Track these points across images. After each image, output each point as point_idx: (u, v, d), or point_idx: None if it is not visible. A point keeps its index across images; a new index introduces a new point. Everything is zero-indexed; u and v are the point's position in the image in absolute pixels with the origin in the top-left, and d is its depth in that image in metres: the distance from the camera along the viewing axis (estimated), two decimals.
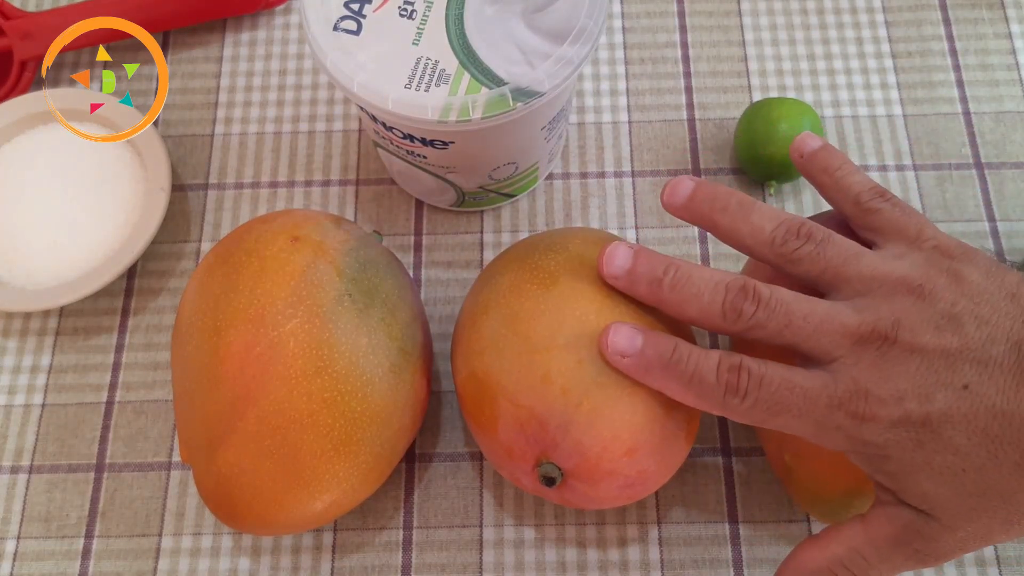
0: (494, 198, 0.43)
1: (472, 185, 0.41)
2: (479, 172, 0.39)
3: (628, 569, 0.38)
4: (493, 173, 0.40)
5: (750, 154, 0.43)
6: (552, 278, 0.33)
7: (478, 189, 0.41)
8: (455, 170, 0.39)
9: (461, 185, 0.41)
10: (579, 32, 0.34)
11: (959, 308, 0.27)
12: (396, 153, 0.39)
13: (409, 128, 0.35)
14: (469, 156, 0.37)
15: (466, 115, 0.33)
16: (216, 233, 0.45)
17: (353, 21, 0.34)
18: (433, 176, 0.40)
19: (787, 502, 0.39)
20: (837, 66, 0.48)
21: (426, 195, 0.44)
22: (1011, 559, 0.38)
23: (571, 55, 0.33)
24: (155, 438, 0.41)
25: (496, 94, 0.33)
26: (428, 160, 0.38)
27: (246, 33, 0.50)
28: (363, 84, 0.33)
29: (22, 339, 0.43)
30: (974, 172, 0.45)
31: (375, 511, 0.39)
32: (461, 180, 0.40)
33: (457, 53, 0.34)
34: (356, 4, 0.35)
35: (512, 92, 0.33)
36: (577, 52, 0.33)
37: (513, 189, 0.43)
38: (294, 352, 0.31)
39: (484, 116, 0.33)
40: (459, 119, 0.33)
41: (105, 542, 0.39)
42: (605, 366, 0.31)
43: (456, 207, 0.44)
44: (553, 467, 0.32)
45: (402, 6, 0.35)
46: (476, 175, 0.40)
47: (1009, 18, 0.49)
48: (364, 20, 0.34)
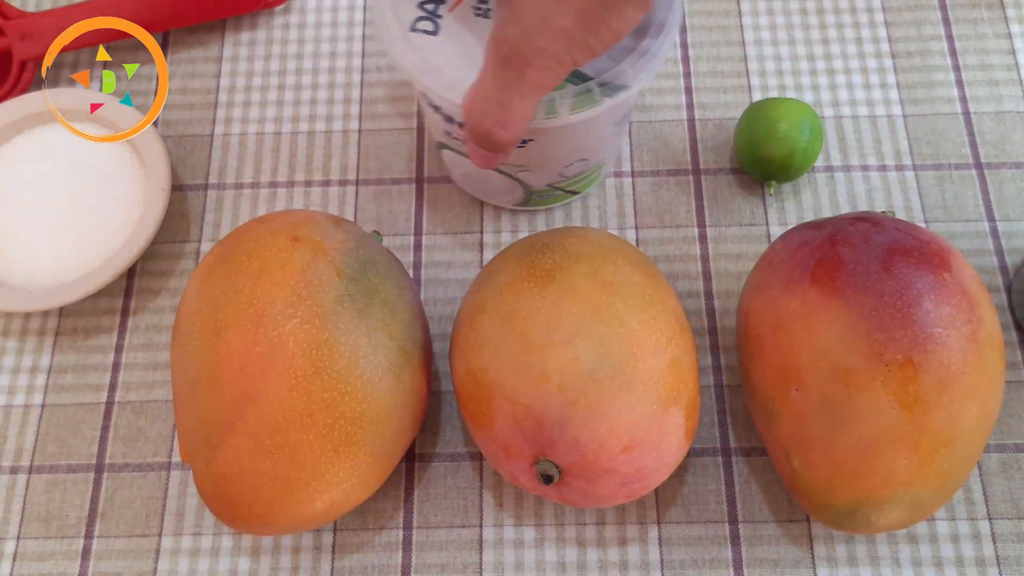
0: (560, 196, 0.43)
1: (542, 183, 0.40)
2: (552, 170, 0.39)
3: (628, 569, 0.38)
4: (565, 170, 0.39)
5: (750, 154, 0.43)
6: (549, 276, 0.33)
7: (547, 187, 0.41)
8: (528, 168, 0.38)
9: (531, 184, 0.40)
10: (659, 25, 0.34)
11: None
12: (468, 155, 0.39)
13: None
14: (545, 154, 0.37)
15: (553, 112, 0.33)
16: (216, 233, 0.45)
17: (429, 22, 0.34)
18: (504, 176, 0.40)
19: (787, 502, 0.39)
20: (837, 66, 0.48)
21: (491, 195, 0.43)
22: (1011, 559, 0.38)
23: (654, 48, 0.33)
24: (155, 438, 0.41)
25: (582, 89, 0.33)
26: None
27: (246, 33, 0.50)
28: (447, 84, 0.33)
29: (22, 339, 0.43)
30: (974, 172, 0.45)
31: (375, 511, 0.39)
32: (532, 178, 0.40)
33: None
34: (431, 4, 0.35)
35: (599, 87, 0.33)
36: (660, 45, 0.33)
37: (579, 186, 0.42)
38: (294, 352, 0.31)
39: (572, 111, 0.33)
40: (547, 115, 0.33)
41: (105, 542, 0.39)
42: (601, 363, 0.31)
43: (522, 206, 0.44)
44: (551, 464, 0.32)
45: (476, 5, 0.35)
46: (548, 172, 0.39)
47: (1009, 18, 0.49)
48: (440, 20, 0.34)
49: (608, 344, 0.31)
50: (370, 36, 0.49)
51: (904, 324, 0.32)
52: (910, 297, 0.32)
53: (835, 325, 0.32)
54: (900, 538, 0.38)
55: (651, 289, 0.33)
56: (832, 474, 0.33)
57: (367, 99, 0.48)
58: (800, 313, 0.33)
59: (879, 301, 0.32)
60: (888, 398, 0.31)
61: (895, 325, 0.32)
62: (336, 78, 0.48)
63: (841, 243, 0.34)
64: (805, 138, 0.42)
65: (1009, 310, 0.42)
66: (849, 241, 0.34)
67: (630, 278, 0.33)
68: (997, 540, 0.38)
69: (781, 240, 0.37)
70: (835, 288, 0.33)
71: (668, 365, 0.32)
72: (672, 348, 0.32)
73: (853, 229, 0.34)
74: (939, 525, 0.38)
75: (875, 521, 0.33)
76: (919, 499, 0.32)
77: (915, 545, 0.38)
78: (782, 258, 0.35)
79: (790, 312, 0.33)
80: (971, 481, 0.39)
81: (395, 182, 0.46)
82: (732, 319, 0.43)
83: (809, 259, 0.34)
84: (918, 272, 0.32)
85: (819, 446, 0.33)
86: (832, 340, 0.32)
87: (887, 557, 0.38)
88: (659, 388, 0.31)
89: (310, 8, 0.50)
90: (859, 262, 0.33)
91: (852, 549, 0.38)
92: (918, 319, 0.32)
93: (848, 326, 0.32)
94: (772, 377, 0.34)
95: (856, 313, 0.32)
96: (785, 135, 0.42)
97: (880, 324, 0.32)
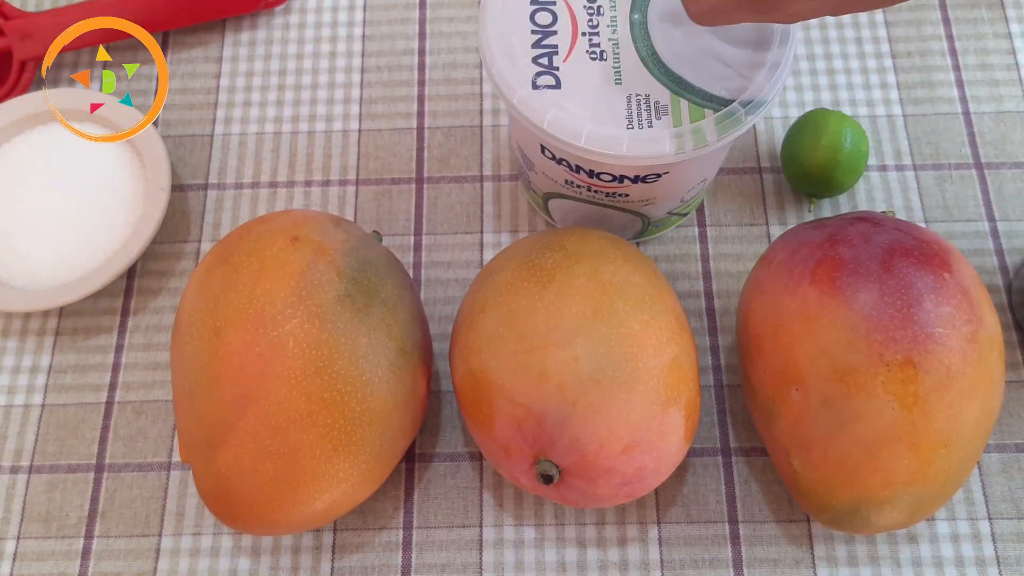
0: (674, 220, 0.42)
1: (662, 212, 0.40)
2: (676, 197, 0.38)
3: (628, 569, 0.38)
4: (686, 195, 0.39)
5: (793, 168, 0.43)
6: (549, 276, 0.33)
7: (666, 215, 0.40)
8: (654, 201, 0.38)
9: (652, 215, 0.40)
10: (775, 33, 0.34)
11: None
12: (590, 199, 0.38)
13: (636, 168, 0.34)
14: (676, 183, 0.36)
15: (702, 141, 0.32)
16: (216, 233, 0.45)
17: (550, 76, 0.34)
18: (626, 213, 0.39)
19: (787, 502, 0.39)
20: (837, 66, 0.48)
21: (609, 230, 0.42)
22: (1011, 559, 0.38)
23: (780, 58, 0.33)
24: (155, 438, 0.41)
25: (724, 114, 0.33)
26: (629, 197, 0.37)
27: (246, 33, 0.50)
28: (590, 135, 0.32)
29: (22, 339, 0.43)
30: (974, 172, 0.45)
31: (375, 511, 0.39)
32: (654, 210, 0.39)
33: (664, 83, 0.33)
34: (545, 58, 0.34)
35: (743, 107, 0.33)
36: (785, 54, 0.33)
37: (689, 208, 0.42)
38: (294, 352, 0.31)
39: (720, 136, 0.32)
40: (696, 147, 0.32)
41: (105, 542, 0.39)
42: (601, 363, 0.31)
43: (637, 239, 0.43)
44: (551, 465, 0.32)
45: (589, 49, 0.34)
46: (672, 201, 0.39)
47: (1009, 18, 0.49)
48: (559, 72, 0.34)
49: (608, 344, 0.31)
50: (370, 36, 0.50)
51: (904, 324, 0.32)
52: (910, 297, 0.32)
53: (835, 325, 0.32)
54: (900, 538, 0.38)
55: (651, 289, 0.33)
56: (832, 474, 0.33)
57: (367, 99, 0.48)
58: (800, 313, 0.33)
59: (879, 301, 0.32)
60: (888, 398, 0.31)
61: (895, 325, 0.32)
62: (336, 78, 0.48)
63: (841, 243, 0.34)
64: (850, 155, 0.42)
65: (1009, 310, 0.42)
66: (849, 241, 0.34)
67: (630, 278, 0.33)
68: (997, 540, 0.38)
69: (781, 240, 0.37)
70: (835, 288, 0.33)
71: (668, 365, 0.32)
72: (672, 348, 0.32)
73: (853, 229, 0.34)
74: (939, 525, 0.38)
75: (875, 521, 0.33)
76: (919, 499, 0.32)
77: (915, 545, 0.38)
78: (782, 258, 0.35)
79: (790, 312, 0.33)
80: (971, 481, 0.39)
81: (395, 182, 0.46)
82: (732, 319, 0.43)
83: (809, 259, 0.34)
84: (918, 272, 0.32)
85: (819, 446, 0.33)
86: (832, 340, 0.32)
87: (887, 557, 0.38)
88: (659, 388, 0.31)
89: (310, 8, 0.50)
90: (859, 262, 0.33)
91: (852, 549, 0.38)
92: (918, 319, 0.32)
93: (848, 326, 0.32)
94: (772, 377, 0.34)
95: (856, 313, 0.32)
96: (825, 149, 0.41)
97: (880, 324, 0.32)
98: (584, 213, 0.40)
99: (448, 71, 0.49)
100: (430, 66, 0.49)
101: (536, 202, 0.43)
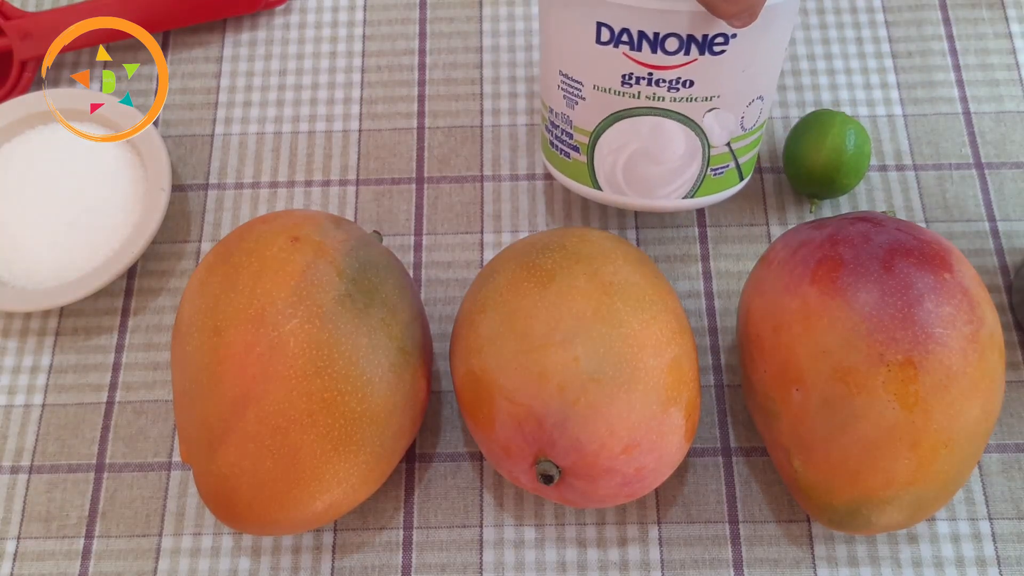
0: (729, 175, 0.40)
1: (724, 137, 0.38)
2: (738, 107, 0.37)
3: (628, 569, 0.38)
4: (746, 112, 0.38)
5: (795, 169, 0.43)
6: (549, 276, 0.33)
7: (725, 150, 0.39)
8: (718, 101, 0.37)
9: (713, 138, 0.38)
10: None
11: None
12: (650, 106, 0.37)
13: (703, 13, 0.33)
14: (739, 68, 0.35)
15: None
16: (216, 233, 0.45)
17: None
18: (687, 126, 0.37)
19: (787, 502, 0.39)
20: (837, 66, 0.48)
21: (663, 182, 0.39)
22: (1011, 559, 0.38)
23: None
24: (155, 438, 0.41)
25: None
26: (695, 89, 0.36)
27: (246, 33, 0.50)
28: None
29: (22, 339, 0.43)
30: (974, 172, 0.45)
31: (375, 511, 0.39)
32: (717, 124, 0.37)
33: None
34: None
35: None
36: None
37: (747, 160, 0.40)
38: (294, 352, 0.31)
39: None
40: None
41: (105, 542, 0.39)
42: (601, 363, 0.31)
43: (689, 195, 0.40)
44: (551, 465, 0.32)
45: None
46: (734, 112, 0.37)
47: (1009, 18, 0.49)
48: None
49: (608, 344, 0.31)
50: (370, 36, 0.49)
51: (905, 324, 0.32)
52: (911, 297, 0.32)
53: (836, 325, 0.32)
54: (900, 538, 0.38)
55: (651, 289, 0.33)
56: (832, 474, 0.33)
57: (367, 99, 0.48)
58: (801, 313, 0.33)
59: (880, 301, 0.32)
60: (888, 398, 0.31)
61: (896, 325, 0.32)
62: (336, 78, 0.48)
63: (841, 243, 0.34)
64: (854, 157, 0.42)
65: (1009, 310, 0.42)
66: (850, 241, 0.34)
67: (630, 278, 0.33)
68: (997, 540, 0.38)
69: (781, 240, 0.37)
70: (836, 288, 0.33)
71: (668, 365, 0.32)
72: (672, 348, 0.32)
73: (853, 229, 0.34)
74: (939, 525, 0.38)
75: (875, 521, 0.33)
76: (919, 499, 0.32)
77: (915, 545, 0.38)
78: (782, 258, 0.35)
79: (790, 312, 0.33)
80: (971, 481, 0.39)
81: (395, 182, 0.46)
82: (732, 319, 0.43)
83: (810, 259, 0.34)
84: (919, 272, 0.32)
85: (819, 446, 0.33)
86: (833, 340, 0.32)
87: (887, 557, 0.38)
88: (659, 388, 0.31)
89: (310, 8, 0.50)
90: (860, 262, 0.33)
91: (852, 549, 0.38)
92: (919, 319, 0.32)
93: (849, 326, 0.32)
94: (772, 377, 0.34)
95: (857, 313, 0.32)
96: (828, 150, 0.41)
97: (881, 324, 0.32)
98: (642, 144, 0.38)
99: (448, 71, 0.49)
100: (430, 66, 0.49)
101: (579, 171, 0.40)
